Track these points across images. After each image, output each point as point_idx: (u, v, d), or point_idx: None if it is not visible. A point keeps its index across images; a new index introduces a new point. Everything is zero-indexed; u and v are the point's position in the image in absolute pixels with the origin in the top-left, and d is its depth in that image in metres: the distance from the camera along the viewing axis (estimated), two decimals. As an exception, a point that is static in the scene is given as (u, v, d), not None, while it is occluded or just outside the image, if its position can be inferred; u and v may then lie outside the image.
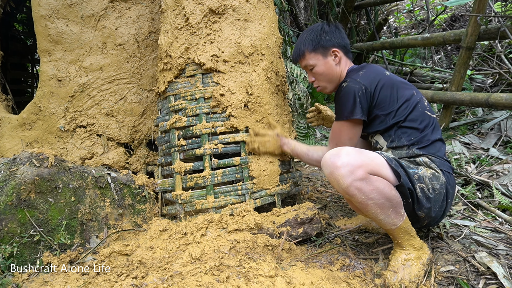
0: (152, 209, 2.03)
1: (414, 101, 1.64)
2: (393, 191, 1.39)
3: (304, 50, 1.78)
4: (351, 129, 1.66)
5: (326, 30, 1.77)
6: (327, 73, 1.78)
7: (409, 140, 1.60)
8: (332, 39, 1.76)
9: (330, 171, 1.38)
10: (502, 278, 1.35)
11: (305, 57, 1.79)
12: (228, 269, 1.47)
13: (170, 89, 2.06)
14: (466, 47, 3.18)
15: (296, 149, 1.94)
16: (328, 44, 1.75)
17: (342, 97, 1.62)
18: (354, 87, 1.59)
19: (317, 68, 1.78)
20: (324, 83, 1.82)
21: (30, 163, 1.68)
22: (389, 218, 1.39)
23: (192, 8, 1.98)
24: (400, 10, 7.35)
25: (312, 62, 1.78)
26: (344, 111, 1.62)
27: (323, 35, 1.76)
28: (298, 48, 1.81)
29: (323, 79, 1.80)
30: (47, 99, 2.26)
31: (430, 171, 1.52)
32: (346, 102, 1.60)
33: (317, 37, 1.76)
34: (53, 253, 1.64)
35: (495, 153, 2.82)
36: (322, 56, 1.76)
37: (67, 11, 2.27)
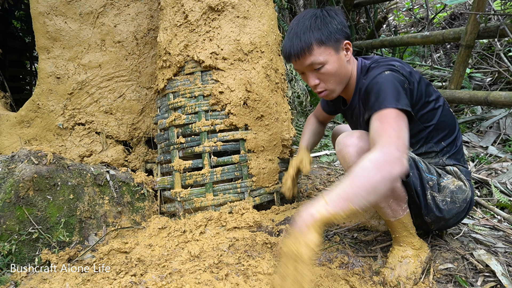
0: (151, 206, 2.02)
1: (442, 100, 1.48)
2: (398, 183, 1.34)
3: (312, 42, 1.34)
4: (405, 121, 1.19)
5: (334, 15, 1.39)
6: (339, 73, 1.41)
7: (439, 145, 1.47)
8: (343, 29, 1.38)
9: (340, 148, 1.34)
10: (500, 276, 1.36)
11: (313, 52, 1.35)
12: (227, 267, 1.47)
13: (169, 87, 2.06)
14: (465, 45, 3.18)
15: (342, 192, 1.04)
16: (341, 36, 1.37)
17: (387, 84, 1.25)
18: (399, 77, 1.28)
19: (328, 66, 1.37)
20: (333, 85, 1.43)
21: (29, 161, 1.68)
22: (389, 208, 1.37)
23: (191, 5, 1.97)
24: (400, 8, 7.34)
25: (323, 58, 1.36)
26: (389, 98, 1.21)
27: (333, 23, 1.36)
28: (303, 40, 1.35)
29: (334, 81, 1.42)
30: (46, 97, 2.26)
31: (457, 183, 1.44)
32: (391, 90, 1.23)
33: (327, 26, 1.35)
34: (52, 251, 1.64)
35: (494, 151, 2.82)
36: (334, 51, 1.37)
37: (66, 8, 2.26)
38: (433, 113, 1.44)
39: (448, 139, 1.49)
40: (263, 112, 2.02)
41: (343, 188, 1.04)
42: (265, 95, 2.03)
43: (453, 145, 1.50)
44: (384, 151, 1.08)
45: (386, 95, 1.22)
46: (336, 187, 1.06)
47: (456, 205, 1.44)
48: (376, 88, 1.27)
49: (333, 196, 1.03)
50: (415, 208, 1.43)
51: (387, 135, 1.12)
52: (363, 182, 1.03)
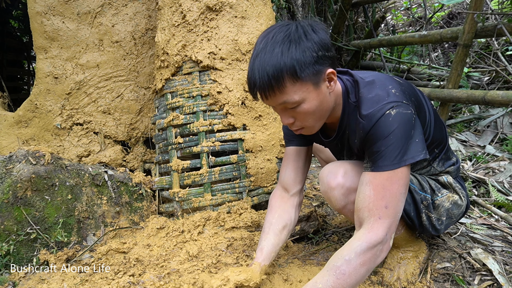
0: (149, 207, 2.02)
1: (432, 108, 1.34)
2: None
3: (284, 78, 1.03)
4: (406, 177, 1.08)
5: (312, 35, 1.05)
6: (319, 109, 1.13)
7: (432, 153, 1.35)
8: (325, 54, 1.07)
9: (325, 189, 1.26)
10: (497, 275, 1.36)
11: (285, 90, 1.05)
12: (225, 267, 1.48)
13: (167, 87, 2.06)
14: (463, 45, 3.19)
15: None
16: (322, 65, 1.06)
17: (396, 132, 1.05)
18: (407, 114, 1.07)
19: (305, 105, 1.09)
20: (312, 123, 1.16)
21: (27, 161, 1.67)
22: None
23: (189, 5, 1.97)
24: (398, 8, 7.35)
25: (298, 97, 1.07)
26: (393, 156, 1.05)
27: (312, 48, 1.04)
28: (271, 74, 1.02)
29: (313, 119, 1.14)
30: (44, 97, 2.25)
31: (452, 199, 1.36)
32: (405, 137, 1.06)
33: (304, 54, 1.03)
34: (50, 251, 1.64)
35: (491, 150, 2.83)
36: (313, 86, 1.07)
37: (63, 8, 2.25)
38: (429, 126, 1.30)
39: (440, 145, 1.37)
40: (261, 112, 2.02)
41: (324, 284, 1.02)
42: (263, 95, 2.03)
43: (444, 149, 1.40)
44: (371, 239, 1.03)
45: (390, 151, 1.05)
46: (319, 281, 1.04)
47: (452, 219, 1.40)
48: (383, 135, 1.06)
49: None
50: (409, 227, 1.39)
51: (378, 215, 1.05)
52: (349, 281, 1.02)
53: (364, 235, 1.05)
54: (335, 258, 1.06)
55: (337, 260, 1.04)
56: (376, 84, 1.15)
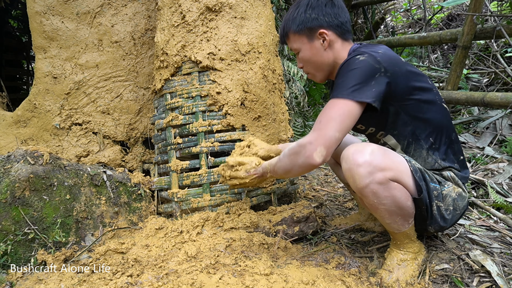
0: (148, 207, 2.02)
1: (436, 95, 1.43)
2: (408, 202, 1.30)
3: (288, 30, 1.51)
4: (350, 114, 1.26)
5: (314, 5, 1.44)
6: (314, 60, 1.49)
7: (429, 144, 1.42)
8: (320, 17, 1.42)
9: (349, 167, 1.25)
10: (495, 276, 1.36)
11: (289, 39, 1.53)
12: (224, 267, 1.47)
13: (166, 87, 2.06)
14: (462, 46, 3.19)
15: (271, 163, 1.50)
16: (314, 24, 1.43)
17: (354, 72, 1.27)
18: (373, 65, 1.27)
19: (302, 53, 1.50)
20: (312, 70, 1.54)
21: (25, 161, 1.67)
22: (395, 224, 1.35)
23: (188, 5, 1.97)
24: (397, 9, 7.36)
25: (297, 45, 1.50)
26: (350, 87, 1.26)
27: (308, 11, 1.44)
28: (283, 27, 1.54)
29: (311, 66, 1.53)
30: (42, 96, 2.25)
31: (457, 190, 1.42)
32: (358, 79, 1.26)
33: (301, 15, 1.45)
34: (48, 251, 1.63)
35: (490, 152, 2.83)
36: (307, 39, 1.46)
37: (63, 8, 2.25)
38: (423, 107, 1.39)
39: (434, 135, 1.43)
40: (260, 113, 2.02)
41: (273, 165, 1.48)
42: (262, 95, 2.03)
43: (443, 143, 1.44)
44: (301, 142, 1.30)
45: (346, 83, 1.27)
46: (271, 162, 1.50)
47: (457, 212, 1.43)
48: (341, 72, 1.32)
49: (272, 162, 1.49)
50: (420, 219, 1.40)
51: (317, 126, 1.28)
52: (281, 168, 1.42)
53: (299, 140, 1.33)
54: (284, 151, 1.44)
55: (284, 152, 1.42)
56: (367, 48, 1.39)
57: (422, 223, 1.41)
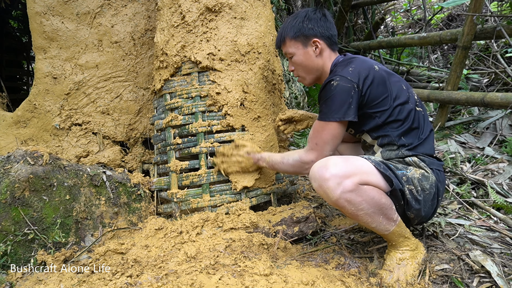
0: (148, 207, 2.02)
1: (405, 96, 1.57)
2: (383, 199, 1.37)
3: (285, 36, 1.69)
4: (337, 129, 1.53)
5: (311, 17, 1.65)
6: (305, 64, 1.69)
7: (399, 139, 1.54)
8: (315, 28, 1.64)
9: (319, 184, 1.34)
10: (495, 277, 1.36)
11: (286, 44, 1.71)
12: (223, 268, 1.47)
13: (166, 87, 2.06)
14: (462, 47, 3.19)
15: (271, 159, 1.77)
16: (310, 33, 1.64)
17: (333, 97, 1.49)
18: (346, 86, 1.47)
19: (295, 57, 1.70)
20: (302, 73, 1.74)
21: (25, 161, 1.67)
22: (381, 225, 1.38)
23: (188, 6, 1.97)
24: (397, 10, 7.36)
25: (292, 50, 1.69)
26: (333, 112, 1.49)
27: (305, 22, 1.65)
28: (280, 33, 1.72)
29: (302, 70, 1.73)
30: (42, 97, 2.25)
31: (420, 172, 1.49)
32: (338, 103, 1.48)
33: (299, 24, 1.65)
34: (48, 252, 1.63)
35: (490, 152, 2.83)
36: (302, 45, 1.67)
37: (63, 8, 2.25)
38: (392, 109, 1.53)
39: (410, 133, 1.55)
40: (260, 113, 2.02)
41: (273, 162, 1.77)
42: (262, 96, 2.03)
43: (415, 138, 1.55)
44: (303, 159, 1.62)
45: (329, 108, 1.51)
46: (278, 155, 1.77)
47: (426, 192, 1.47)
48: (323, 98, 1.54)
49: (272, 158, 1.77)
50: (399, 208, 1.45)
51: (311, 147, 1.59)
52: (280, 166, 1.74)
53: (301, 153, 1.65)
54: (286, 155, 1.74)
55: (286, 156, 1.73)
56: (351, 61, 1.58)
57: (401, 212, 1.46)
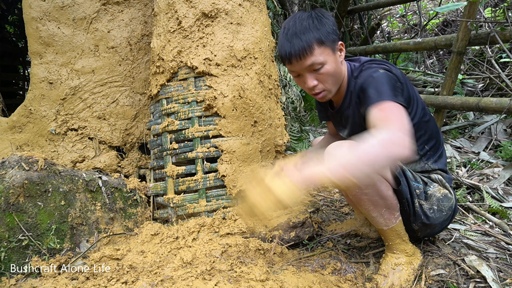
0: (144, 213, 2.01)
1: (422, 102, 1.51)
2: (389, 191, 1.35)
3: (313, 42, 1.31)
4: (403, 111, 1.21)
5: (328, 17, 1.38)
6: (336, 72, 1.39)
7: (423, 148, 1.48)
8: (336, 30, 1.38)
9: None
10: (491, 282, 1.36)
11: (314, 52, 1.31)
12: (220, 273, 1.47)
13: (162, 92, 2.06)
14: (457, 52, 3.22)
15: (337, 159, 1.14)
16: (336, 36, 1.36)
17: (381, 81, 1.28)
18: (392, 76, 1.31)
19: (327, 66, 1.35)
20: (331, 85, 1.41)
21: (19, 167, 1.66)
22: (381, 218, 1.37)
23: (184, 11, 1.98)
24: (393, 15, 7.42)
25: (323, 58, 1.33)
26: (388, 92, 1.24)
27: (328, 23, 1.35)
28: (303, 39, 1.31)
29: (331, 81, 1.39)
30: (38, 102, 2.24)
31: (443, 192, 1.47)
32: (388, 86, 1.26)
33: (324, 26, 1.33)
34: (42, 258, 1.62)
35: (486, 157, 2.84)
36: (331, 51, 1.35)
37: (59, 14, 2.25)
38: (418, 114, 1.45)
39: (430, 143, 1.51)
40: (256, 118, 2.02)
41: (345, 158, 1.08)
42: (258, 101, 2.03)
43: (436, 150, 1.53)
44: (390, 132, 1.08)
45: (384, 89, 1.25)
46: (337, 155, 1.16)
47: (443, 213, 1.46)
48: (374, 83, 1.29)
49: (335, 165, 1.05)
50: (404, 216, 1.44)
51: (391, 120, 1.15)
52: (366, 157, 1.04)
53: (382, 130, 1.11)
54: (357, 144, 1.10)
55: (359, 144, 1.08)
56: (374, 63, 1.43)
57: (406, 219, 1.45)
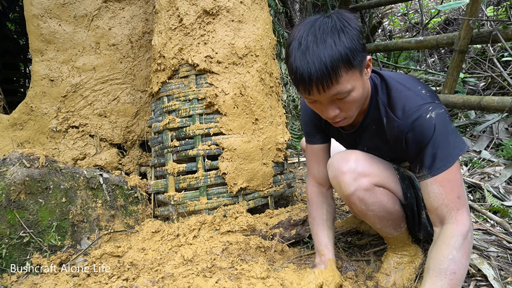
0: (145, 210, 2.01)
1: None
2: (396, 206, 1.31)
3: (341, 68, 1.02)
4: (459, 167, 1.13)
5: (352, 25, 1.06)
6: (363, 97, 1.15)
7: None
8: (363, 40, 1.08)
9: (335, 174, 1.24)
10: (492, 280, 1.36)
11: (340, 79, 1.04)
12: (220, 271, 1.47)
13: (163, 90, 2.05)
14: (459, 50, 3.21)
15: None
16: (365, 52, 1.08)
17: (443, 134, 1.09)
18: (444, 112, 1.11)
19: (355, 93, 1.10)
20: (354, 112, 1.17)
21: (20, 164, 1.66)
22: (386, 229, 1.36)
23: (186, 9, 1.98)
24: (395, 13, 7.40)
25: (351, 86, 1.07)
26: (451, 152, 1.09)
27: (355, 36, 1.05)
28: (329, 65, 1.01)
29: (356, 107, 1.16)
30: (39, 99, 2.24)
31: None
32: (449, 138, 1.09)
33: (353, 42, 1.03)
34: (43, 255, 1.62)
35: (487, 155, 2.84)
36: (359, 74, 1.09)
37: (60, 11, 2.25)
38: None
39: None
40: (257, 116, 2.02)
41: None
42: (259, 99, 2.03)
43: None
44: (463, 231, 1.07)
45: (442, 152, 1.09)
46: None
47: None
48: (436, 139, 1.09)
49: None
50: (409, 225, 1.41)
51: (456, 207, 1.10)
52: (460, 277, 1.05)
53: (455, 229, 1.09)
54: (438, 261, 1.07)
55: (442, 263, 1.06)
56: (406, 83, 1.20)
57: (411, 228, 1.42)
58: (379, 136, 1.27)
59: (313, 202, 1.50)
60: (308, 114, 1.46)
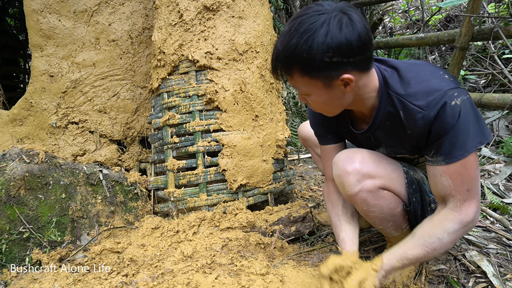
0: (144, 206, 2.01)
1: None
2: (398, 209, 1.28)
3: (293, 68, 1.04)
4: (477, 159, 1.08)
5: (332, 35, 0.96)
6: (330, 104, 1.13)
7: None
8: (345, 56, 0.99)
9: (339, 173, 1.21)
10: (491, 277, 1.36)
11: (293, 77, 1.07)
12: (220, 267, 1.47)
13: (163, 86, 2.05)
14: (459, 48, 3.20)
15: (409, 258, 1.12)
16: (337, 68, 1.00)
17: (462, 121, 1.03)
18: (469, 98, 1.05)
19: (313, 97, 1.11)
20: (324, 111, 1.20)
21: (20, 159, 1.66)
22: (387, 229, 1.36)
23: (186, 4, 1.97)
24: (395, 10, 7.37)
25: (305, 89, 1.09)
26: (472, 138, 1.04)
27: (326, 52, 0.97)
28: (286, 59, 1.03)
29: (325, 109, 1.18)
30: (39, 95, 2.24)
31: None
32: (472, 123, 1.04)
33: (315, 54, 0.97)
34: (43, 251, 1.62)
35: (487, 153, 2.84)
36: (323, 84, 1.05)
37: (60, 6, 2.24)
38: None
39: None
40: (257, 113, 2.01)
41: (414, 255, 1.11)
42: (259, 95, 2.02)
43: None
44: (463, 220, 1.07)
45: (461, 140, 1.04)
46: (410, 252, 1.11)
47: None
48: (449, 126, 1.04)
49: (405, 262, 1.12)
50: (411, 226, 1.39)
51: (462, 199, 1.08)
52: (437, 254, 1.10)
53: (455, 217, 1.09)
54: (426, 235, 1.11)
55: (429, 238, 1.10)
56: (426, 70, 1.12)
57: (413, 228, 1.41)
58: (395, 132, 1.19)
59: (330, 200, 1.45)
60: (316, 116, 1.43)
